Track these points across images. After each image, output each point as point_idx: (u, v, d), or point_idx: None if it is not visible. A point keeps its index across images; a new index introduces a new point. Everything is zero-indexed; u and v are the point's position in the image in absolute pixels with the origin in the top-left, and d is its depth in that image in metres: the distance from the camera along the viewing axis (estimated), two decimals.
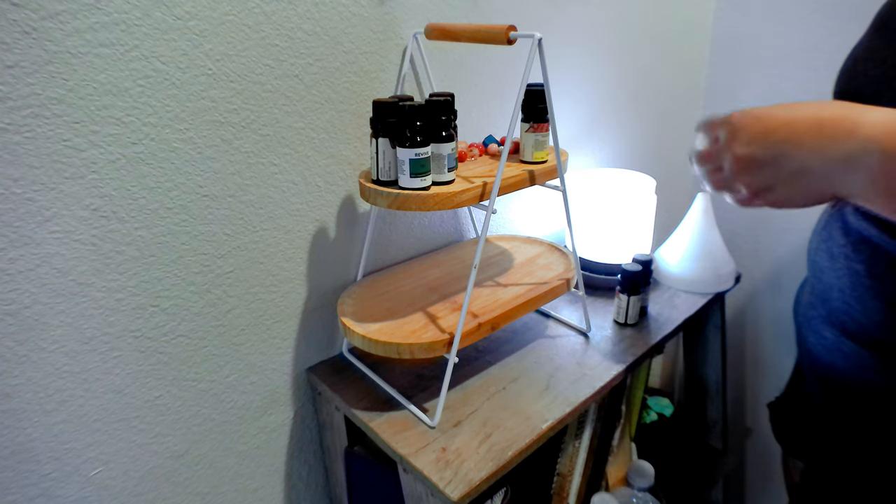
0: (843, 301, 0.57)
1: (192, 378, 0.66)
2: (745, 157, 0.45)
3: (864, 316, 0.55)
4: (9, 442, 0.54)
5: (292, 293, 0.72)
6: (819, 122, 0.42)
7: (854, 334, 0.57)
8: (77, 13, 0.49)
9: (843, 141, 0.40)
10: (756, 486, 1.44)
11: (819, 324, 0.61)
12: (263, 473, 0.76)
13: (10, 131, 0.48)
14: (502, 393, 0.70)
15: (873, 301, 0.54)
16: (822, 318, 0.61)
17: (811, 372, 0.65)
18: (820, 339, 0.61)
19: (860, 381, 0.57)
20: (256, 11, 0.60)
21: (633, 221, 0.93)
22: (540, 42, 0.58)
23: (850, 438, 0.60)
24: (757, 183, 0.45)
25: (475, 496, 0.57)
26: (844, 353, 0.58)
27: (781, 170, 0.43)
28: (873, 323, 0.55)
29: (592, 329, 0.83)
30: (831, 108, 0.42)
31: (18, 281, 0.52)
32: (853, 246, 0.55)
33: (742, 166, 0.45)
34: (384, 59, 0.72)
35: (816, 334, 0.62)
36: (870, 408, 0.57)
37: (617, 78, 1.10)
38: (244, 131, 0.62)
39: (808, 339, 0.64)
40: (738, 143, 0.45)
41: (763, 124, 0.44)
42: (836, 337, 0.59)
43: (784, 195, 0.44)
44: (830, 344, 0.60)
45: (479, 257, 0.61)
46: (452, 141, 0.60)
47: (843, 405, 0.60)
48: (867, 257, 0.54)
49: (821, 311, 0.61)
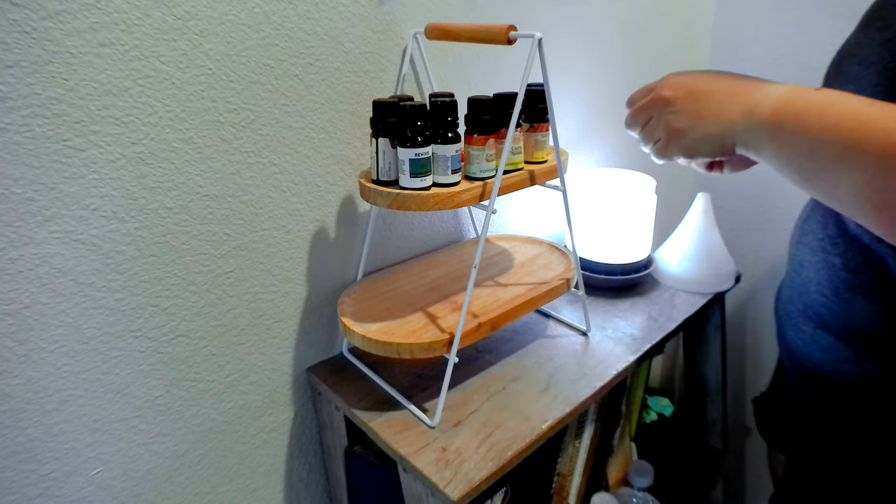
0: (821, 294, 0.58)
1: (192, 378, 0.66)
2: (669, 98, 0.52)
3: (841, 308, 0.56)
4: (9, 442, 0.54)
5: (292, 293, 0.72)
6: (734, 82, 0.49)
7: (831, 327, 0.58)
8: (77, 13, 0.49)
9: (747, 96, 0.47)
10: (756, 486, 1.44)
11: (797, 317, 0.63)
12: (263, 473, 0.76)
13: (10, 131, 0.48)
14: (502, 393, 0.70)
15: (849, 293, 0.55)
16: (799, 311, 0.62)
17: (790, 366, 0.66)
18: (798, 333, 0.62)
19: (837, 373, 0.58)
20: (256, 11, 0.60)
21: (633, 221, 0.93)
22: (540, 42, 0.58)
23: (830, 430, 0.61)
24: (672, 127, 0.51)
25: (475, 496, 0.57)
26: (821, 345, 0.59)
27: (693, 114, 0.50)
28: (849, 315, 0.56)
29: (592, 329, 0.83)
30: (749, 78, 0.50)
31: (18, 281, 0.52)
32: (831, 239, 0.56)
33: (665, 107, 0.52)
34: (384, 59, 0.72)
35: (795, 328, 0.63)
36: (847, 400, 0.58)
37: (617, 77, 1.10)
38: (244, 131, 0.62)
39: (787, 334, 0.65)
40: (666, 89, 0.52)
41: (690, 79, 0.52)
42: (813, 330, 0.60)
43: (691, 139, 0.50)
44: (808, 337, 0.61)
45: (479, 257, 0.61)
46: (457, 142, 0.60)
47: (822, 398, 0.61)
48: (844, 250, 0.55)
49: (798, 304, 0.62)
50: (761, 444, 1.40)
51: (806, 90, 0.44)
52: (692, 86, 0.51)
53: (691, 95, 0.50)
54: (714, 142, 0.49)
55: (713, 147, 0.49)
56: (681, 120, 0.51)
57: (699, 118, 0.49)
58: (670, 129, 0.52)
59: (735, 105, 0.47)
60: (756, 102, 0.46)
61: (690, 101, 0.50)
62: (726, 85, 0.49)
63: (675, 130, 0.51)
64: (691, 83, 0.51)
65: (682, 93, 0.51)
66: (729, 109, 0.47)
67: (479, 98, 0.62)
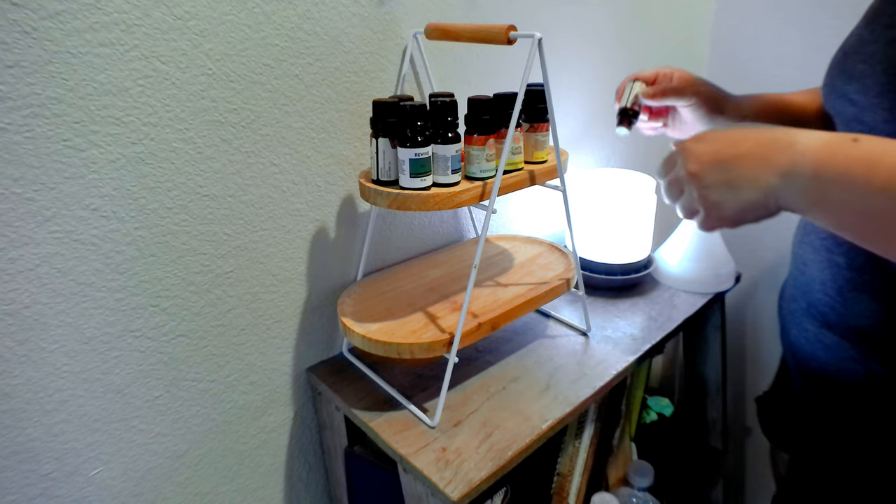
0: (825, 293, 0.58)
1: (192, 378, 0.66)
2: (696, 173, 0.48)
3: (845, 308, 0.56)
4: (9, 442, 0.54)
5: (292, 293, 0.72)
6: (760, 140, 0.46)
7: (835, 326, 0.58)
8: (77, 13, 0.49)
9: (780, 156, 0.44)
10: (756, 486, 1.44)
11: (801, 316, 0.62)
12: (263, 473, 0.76)
13: (10, 131, 0.48)
14: (502, 393, 0.70)
15: (853, 293, 0.55)
16: (803, 310, 0.62)
17: (794, 364, 0.66)
18: (802, 332, 0.62)
19: (841, 372, 0.58)
20: (256, 11, 0.60)
21: (633, 221, 0.93)
22: (540, 42, 0.58)
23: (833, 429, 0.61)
24: (709, 200, 0.48)
25: (475, 496, 0.57)
26: (825, 344, 0.59)
27: (727, 185, 0.46)
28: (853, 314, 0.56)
29: (592, 329, 0.83)
30: (771, 131, 0.46)
31: (18, 281, 0.52)
32: (834, 238, 0.56)
33: (695, 184, 0.48)
34: (384, 59, 0.72)
35: (799, 327, 0.63)
36: (851, 398, 0.58)
37: (617, 77, 1.09)
38: (244, 131, 0.62)
39: (790, 332, 0.65)
40: (690, 162, 0.48)
41: (711, 146, 0.48)
42: (818, 329, 0.60)
43: (733, 210, 0.47)
44: (812, 336, 0.61)
45: (479, 257, 0.61)
46: (457, 142, 0.60)
47: (826, 396, 0.61)
48: (848, 250, 0.55)
49: (802, 303, 0.62)
50: (761, 443, 1.40)
51: (842, 142, 0.41)
52: (716, 155, 0.47)
53: (718, 165, 0.47)
54: (757, 207, 0.46)
55: (757, 213, 0.46)
56: (716, 193, 0.47)
57: (735, 188, 0.46)
58: (707, 203, 0.48)
59: (770, 168, 0.44)
60: (791, 164, 0.43)
61: (720, 172, 0.47)
62: (751, 147, 0.46)
63: (713, 203, 0.48)
64: (714, 152, 0.47)
65: (708, 164, 0.47)
66: (765, 174, 0.44)
67: (479, 98, 0.62)
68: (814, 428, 0.63)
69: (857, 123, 0.54)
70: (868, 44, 0.53)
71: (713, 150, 0.48)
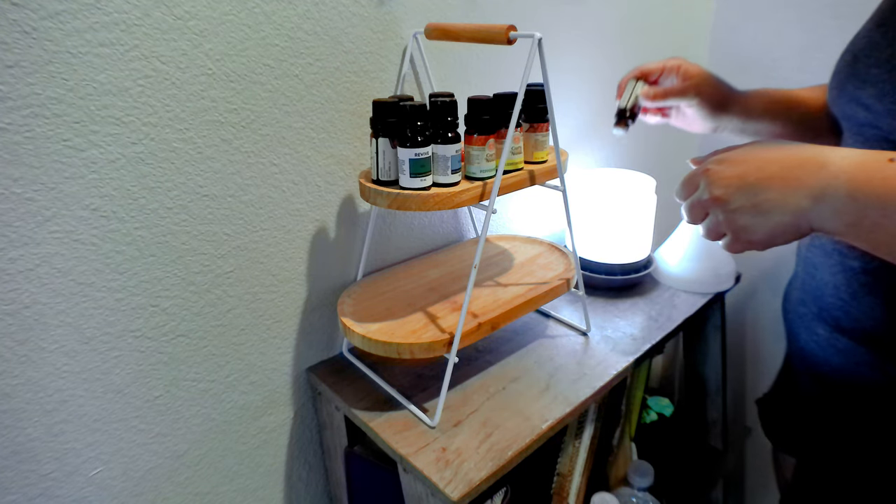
0: (838, 297, 0.57)
1: (192, 378, 0.66)
2: (721, 198, 0.46)
3: (860, 312, 0.56)
4: (9, 442, 0.54)
5: (292, 293, 0.72)
6: (788, 162, 0.44)
7: (848, 330, 0.57)
8: (77, 13, 0.49)
9: (810, 179, 0.42)
10: (756, 486, 1.44)
11: (811, 320, 0.62)
12: (263, 473, 0.76)
13: (10, 131, 0.48)
14: (502, 393, 0.70)
15: (868, 297, 0.54)
16: (813, 314, 0.61)
17: (803, 369, 0.65)
18: (812, 336, 0.62)
19: (855, 376, 0.57)
20: (256, 11, 0.60)
21: (633, 221, 0.93)
22: (540, 42, 0.58)
23: (845, 434, 0.60)
24: (737, 224, 0.46)
25: (475, 496, 0.57)
26: (838, 349, 0.58)
27: (756, 209, 0.45)
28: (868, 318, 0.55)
29: (592, 329, 0.83)
30: (799, 150, 0.45)
31: (18, 281, 0.52)
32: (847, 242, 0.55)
33: (721, 209, 0.46)
34: (384, 59, 0.72)
35: (808, 331, 0.62)
36: (865, 403, 0.57)
37: (617, 78, 1.09)
38: (244, 131, 0.62)
39: (799, 337, 0.64)
40: (715, 186, 0.47)
41: (736, 169, 0.46)
42: (830, 333, 0.59)
43: (763, 234, 0.45)
44: (823, 340, 0.60)
45: (479, 257, 0.61)
46: (457, 142, 0.60)
47: (838, 401, 0.60)
48: (862, 253, 0.54)
49: (812, 308, 0.61)
50: (761, 443, 1.40)
51: (878, 162, 0.40)
52: (742, 178, 0.45)
53: (745, 189, 0.45)
54: (787, 231, 0.44)
55: (789, 235, 0.45)
56: (744, 217, 0.45)
57: (764, 212, 0.44)
58: (736, 228, 0.46)
59: (800, 191, 0.43)
60: (823, 186, 0.42)
61: (746, 196, 0.45)
62: (778, 169, 0.44)
63: (742, 228, 0.46)
64: (739, 175, 0.45)
65: (734, 189, 0.45)
66: (794, 197, 0.43)
67: (479, 98, 0.62)
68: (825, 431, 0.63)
69: (871, 128, 0.53)
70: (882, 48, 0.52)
71: (738, 173, 0.46)
